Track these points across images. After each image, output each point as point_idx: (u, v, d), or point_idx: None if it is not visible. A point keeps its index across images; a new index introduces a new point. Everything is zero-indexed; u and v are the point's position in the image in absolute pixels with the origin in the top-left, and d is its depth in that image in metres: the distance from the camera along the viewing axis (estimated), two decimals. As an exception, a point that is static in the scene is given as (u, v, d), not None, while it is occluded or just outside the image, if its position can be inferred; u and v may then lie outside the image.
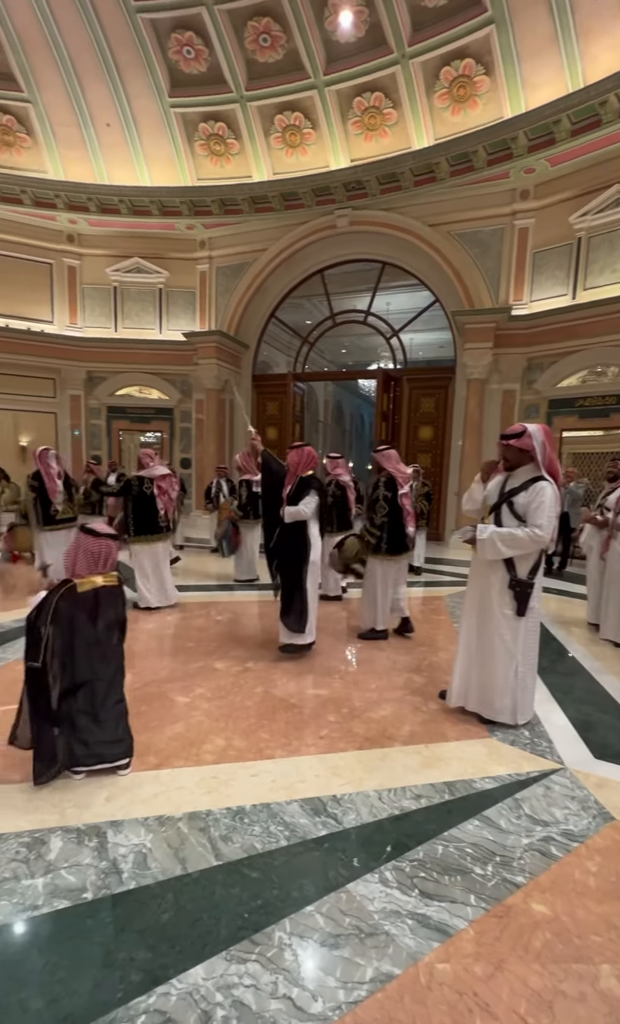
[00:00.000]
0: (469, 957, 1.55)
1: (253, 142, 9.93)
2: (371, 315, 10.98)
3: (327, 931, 1.61)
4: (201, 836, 1.99)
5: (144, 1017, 1.33)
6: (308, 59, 8.92)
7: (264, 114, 9.67)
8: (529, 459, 2.81)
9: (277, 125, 9.72)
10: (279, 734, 2.78)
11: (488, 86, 8.26)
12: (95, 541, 2.36)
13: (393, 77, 8.73)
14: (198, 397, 11.34)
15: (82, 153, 10.35)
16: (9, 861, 1.82)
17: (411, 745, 2.72)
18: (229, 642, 4.25)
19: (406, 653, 4.13)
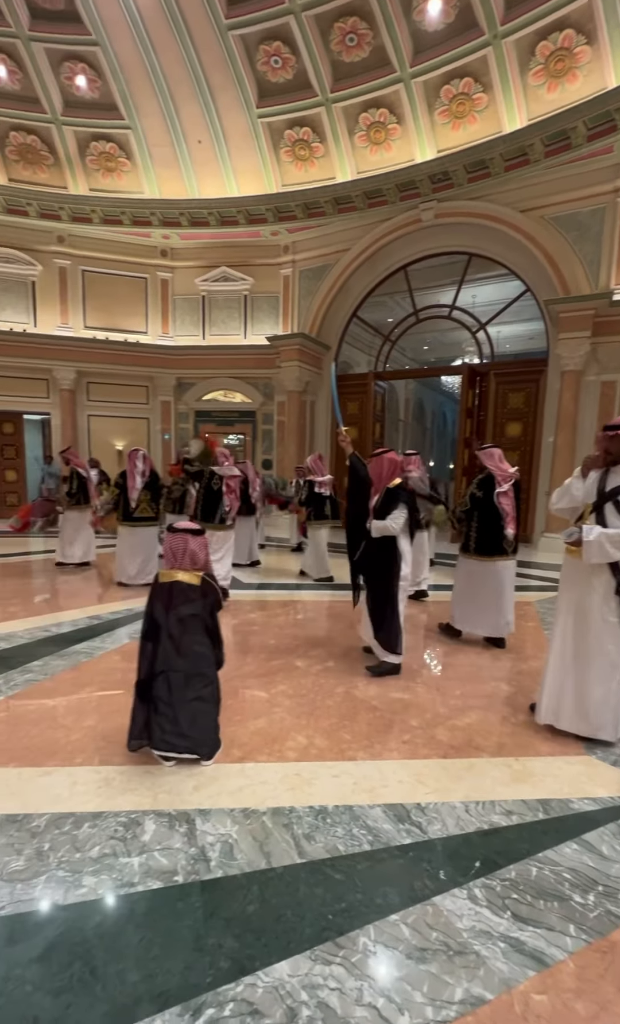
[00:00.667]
0: (570, 992, 1.43)
1: (337, 143, 9.96)
2: (456, 309, 10.64)
3: (413, 943, 1.56)
4: (284, 832, 2.01)
5: (232, 1005, 1.36)
6: (395, 53, 8.81)
7: (349, 114, 9.67)
8: (637, 453, 2.58)
9: (361, 123, 9.69)
10: (361, 736, 2.75)
11: (590, 56, 7.72)
12: (172, 537, 2.48)
13: (484, 60, 8.40)
14: (280, 399, 11.57)
15: (175, 171, 10.91)
16: (108, 839, 1.94)
17: (500, 757, 2.59)
18: (309, 641, 4.27)
19: (493, 660, 3.95)
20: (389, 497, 3.51)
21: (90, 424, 11.95)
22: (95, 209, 10.97)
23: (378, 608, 3.58)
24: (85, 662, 3.64)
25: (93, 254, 11.59)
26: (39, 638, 4.09)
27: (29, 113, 10.38)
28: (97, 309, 11.78)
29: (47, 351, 11.26)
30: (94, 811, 2.09)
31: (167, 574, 2.40)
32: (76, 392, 11.69)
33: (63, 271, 11.46)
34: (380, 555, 3.54)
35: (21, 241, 11.19)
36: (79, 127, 10.58)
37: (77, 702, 3.04)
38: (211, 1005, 1.36)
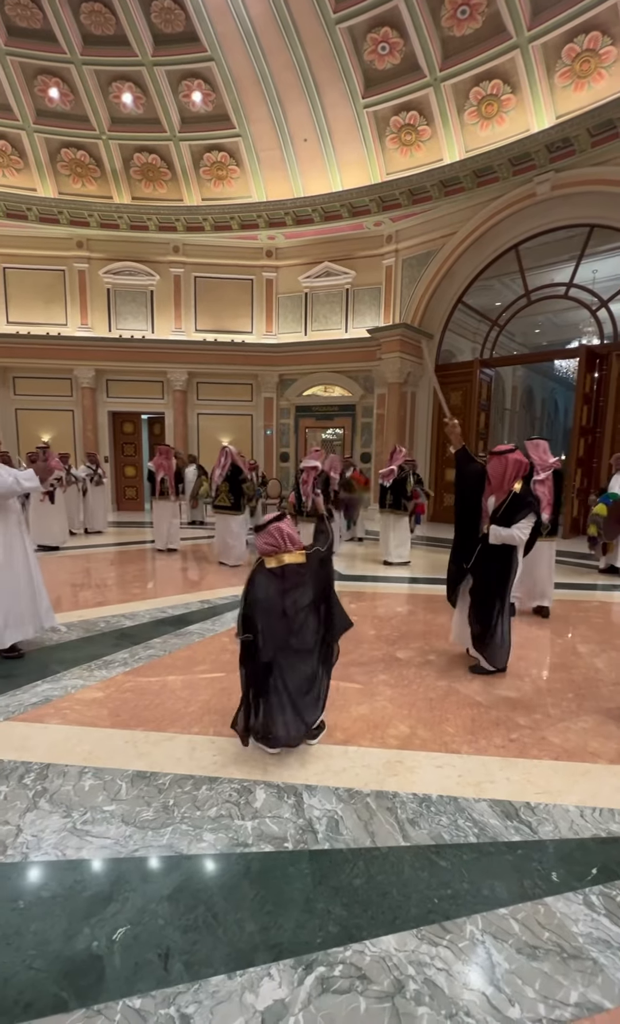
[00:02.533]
0: None
1: (446, 123, 9.63)
2: (574, 287, 9.86)
3: (524, 940, 1.53)
4: (388, 815, 2.04)
5: (341, 967, 1.43)
6: (511, 18, 8.31)
7: (458, 91, 9.30)
8: None
9: (472, 99, 9.28)
10: (464, 730, 2.70)
11: None
12: (262, 533, 2.50)
13: (614, 9, 7.65)
14: (380, 392, 11.48)
15: (282, 172, 11.18)
16: (224, 801, 2.10)
17: (618, 765, 2.42)
18: (409, 634, 4.25)
19: (611, 664, 3.67)
20: (516, 502, 3.25)
21: (199, 422, 12.69)
22: (207, 217, 11.57)
23: (482, 621, 3.35)
24: (198, 642, 3.92)
25: (204, 260, 12.24)
26: (157, 618, 4.47)
27: (150, 134, 11.16)
28: (206, 312, 12.44)
29: (162, 355, 12.11)
30: (211, 775, 2.26)
31: (275, 558, 2.46)
32: (187, 392, 12.46)
33: (177, 279, 12.23)
34: (495, 563, 3.30)
35: (142, 254, 12.11)
36: (194, 141, 11.19)
37: (192, 678, 3.29)
38: (321, 964, 1.44)
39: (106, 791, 2.15)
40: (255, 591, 2.39)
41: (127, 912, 1.59)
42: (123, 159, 11.42)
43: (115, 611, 4.63)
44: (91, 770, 2.30)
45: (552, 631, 4.44)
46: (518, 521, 3.21)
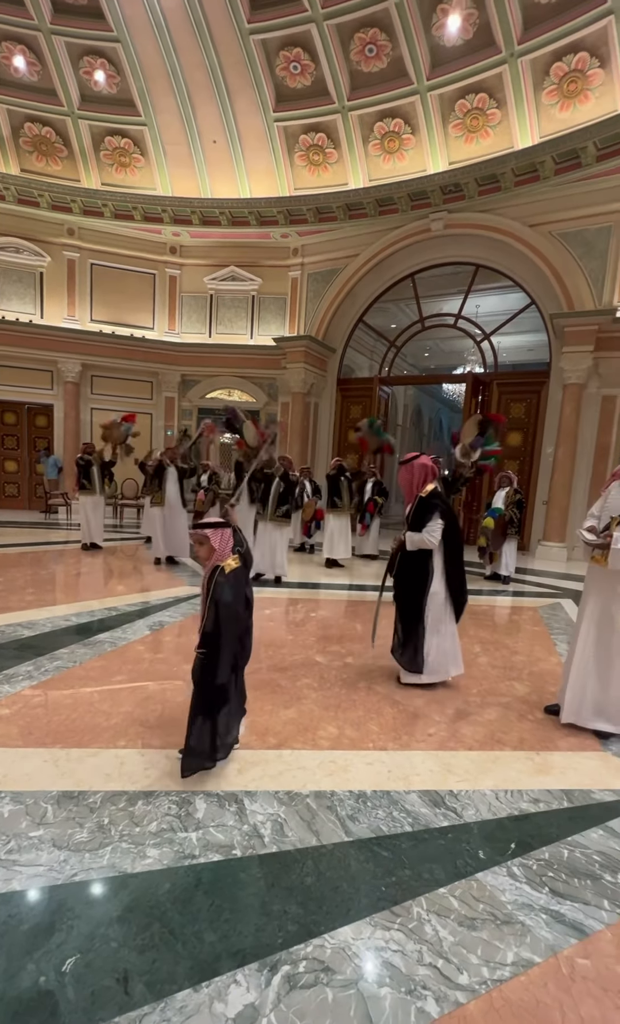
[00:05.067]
0: (610, 958, 1.56)
1: (351, 150, 10.12)
2: (462, 318, 10.84)
3: (463, 913, 1.68)
4: (329, 814, 2.12)
5: (304, 963, 1.47)
6: (412, 65, 8.99)
7: (364, 122, 9.83)
8: (659, 467, 2.73)
9: (376, 132, 9.85)
10: (388, 728, 2.87)
11: (602, 79, 7.96)
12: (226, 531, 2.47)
13: (499, 77, 8.61)
14: (284, 400, 11.67)
15: (189, 170, 10.98)
16: (164, 815, 2.03)
17: (521, 751, 2.72)
18: (326, 637, 4.39)
19: (504, 661, 4.09)
20: (421, 506, 3.29)
21: (93, 417, 11.94)
22: (107, 203, 11.00)
23: (404, 626, 3.42)
24: (110, 651, 3.71)
25: (102, 248, 11.61)
26: (60, 627, 4.15)
27: (45, 105, 10.39)
28: (104, 303, 11.80)
29: (53, 343, 11.24)
30: (145, 790, 2.18)
31: (226, 563, 2.39)
32: (80, 384, 11.68)
33: (72, 263, 11.46)
34: (411, 568, 3.34)
35: (31, 232, 11.17)
36: (95, 121, 10.61)
37: (111, 690, 3.11)
38: (286, 963, 1.47)
39: (29, 816, 1.98)
40: (224, 596, 2.32)
41: (74, 940, 1.49)
42: (12, 127, 10.50)
43: (11, 619, 4.22)
44: (7, 794, 2.10)
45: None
46: (427, 524, 3.26)
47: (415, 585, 3.36)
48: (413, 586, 3.37)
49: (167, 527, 7.09)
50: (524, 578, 7.43)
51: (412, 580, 3.38)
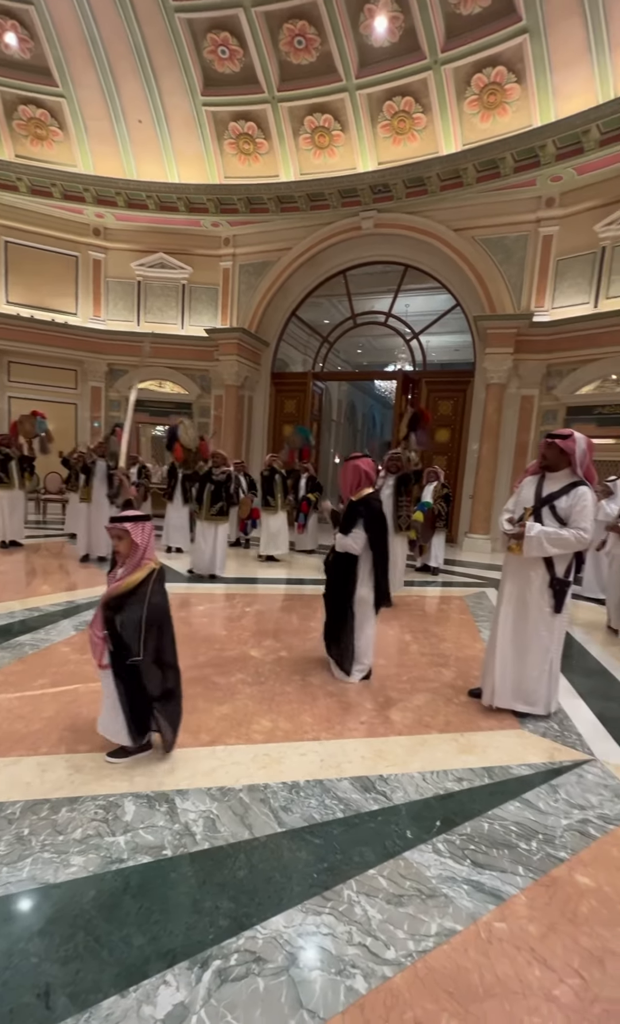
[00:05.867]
0: (523, 919, 1.68)
1: (282, 142, 10.04)
2: (392, 316, 11.10)
3: (391, 891, 1.74)
4: (262, 806, 2.12)
5: (236, 956, 1.47)
6: (341, 62, 9.03)
7: (294, 115, 9.78)
8: (567, 463, 2.94)
9: (306, 126, 9.83)
10: (321, 718, 2.91)
11: (519, 94, 8.36)
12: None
13: (424, 82, 8.83)
14: (217, 393, 11.47)
15: (112, 148, 10.48)
16: (90, 821, 1.96)
17: (447, 733, 2.86)
18: (260, 632, 4.38)
19: (432, 649, 4.27)
20: (350, 511, 3.31)
21: (11, 406, 11.19)
22: (21, 177, 10.29)
23: (331, 626, 3.47)
24: (31, 654, 3.52)
25: (18, 225, 10.87)
26: (-26, 632, 3.88)
27: (-54, 65, 9.55)
28: (21, 285, 11.06)
29: (-38, 326, 10.43)
30: (69, 796, 2.09)
31: (154, 561, 2.36)
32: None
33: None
34: (340, 570, 3.39)
35: None
36: (5, 87, 9.88)
37: (32, 695, 2.95)
38: (217, 957, 1.46)
39: (-61, 836, 1.85)
40: (161, 600, 2.26)
41: (-10, 962, 1.41)
42: None
43: None
44: None
45: (383, 623, 4.96)
46: (352, 531, 3.27)
47: (343, 587, 3.42)
48: (341, 588, 3.43)
49: (94, 524, 6.80)
50: (452, 569, 7.76)
51: (340, 582, 3.44)
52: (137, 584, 2.23)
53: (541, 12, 7.54)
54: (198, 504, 6.35)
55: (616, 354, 8.44)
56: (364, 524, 3.27)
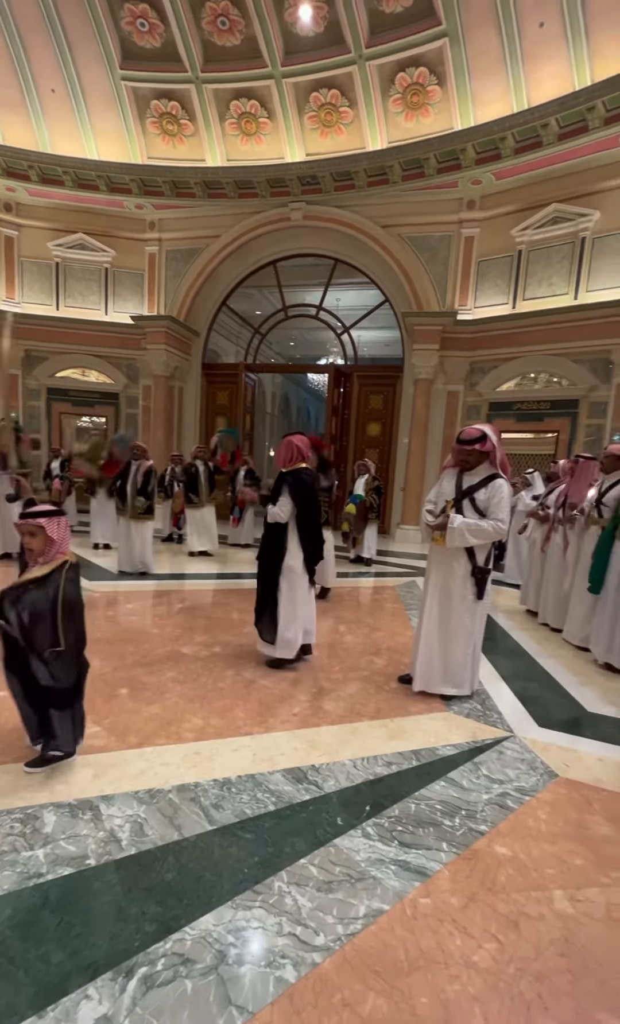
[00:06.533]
0: (446, 892, 1.76)
1: (207, 126, 9.78)
2: (323, 310, 11.15)
3: (321, 879, 1.77)
4: (193, 805, 2.09)
5: (163, 960, 1.44)
6: (266, 48, 8.89)
7: (220, 98, 9.54)
8: (487, 458, 3.08)
9: (233, 111, 9.62)
10: (254, 713, 2.90)
11: (440, 96, 8.59)
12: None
13: (350, 76, 8.87)
14: (145, 383, 11.09)
15: (22, 117, 9.80)
16: (5, 836, 1.85)
17: (378, 720, 2.93)
18: (192, 628, 4.30)
19: (365, 638, 4.36)
20: (278, 482, 3.44)
21: None
22: None
23: (260, 596, 3.50)
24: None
25: None
26: None
27: None
28: None
29: None
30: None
31: (72, 557, 2.27)
32: None
33: None
34: (269, 541, 3.46)
35: None
36: None
37: None
38: (142, 964, 1.42)
39: None
40: (77, 595, 2.15)
41: None
42: None
43: None
44: None
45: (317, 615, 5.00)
46: (279, 499, 3.38)
47: (271, 555, 3.46)
48: (269, 556, 3.47)
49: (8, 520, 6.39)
50: (385, 559, 7.96)
51: (268, 551, 3.48)
52: (47, 574, 2.12)
53: (459, 19, 7.77)
54: (122, 500, 6.12)
55: (532, 353, 8.93)
56: (289, 492, 3.35)
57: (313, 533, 3.46)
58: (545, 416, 9.00)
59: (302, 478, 3.42)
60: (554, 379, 8.85)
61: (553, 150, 7.97)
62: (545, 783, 2.41)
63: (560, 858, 1.95)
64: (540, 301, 8.80)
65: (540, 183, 8.61)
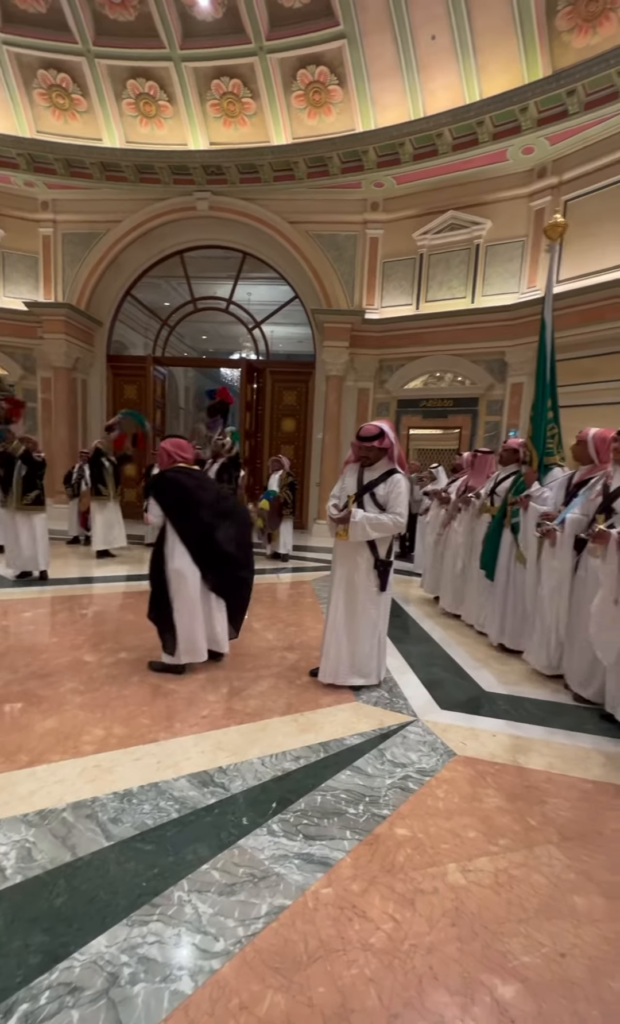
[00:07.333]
0: (347, 879, 1.80)
1: (103, 103, 9.27)
2: (233, 304, 10.99)
3: (223, 883, 1.74)
4: (89, 822, 1.98)
5: (48, 992, 1.35)
6: (163, 28, 8.56)
7: (115, 75, 9.07)
8: (386, 454, 3.17)
9: (130, 90, 9.19)
10: (160, 718, 2.81)
11: (341, 97, 8.71)
12: None
13: (251, 67, 8.77)
14: (44, 375, 10.38)
15: None
16: None
17: (288, 715, 2.94)
18: (97, 635, 4.10)
19: (279, 634, 4.37)
20: (145, 488, 3.45)
21: None
22: None
23: (151, 602, 3.40)
24: None
25: None
26: None
27: None
28: None
29: None
30: None
31: None
32: None
33: None
34: (156, 544, 3.39)
35: None
36: None
37: None
38: (24, 1001, 1.33)
39: None
40: None
41: None
42: None
43: None
44: None
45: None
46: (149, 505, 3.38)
47: (155, 561, 3.37)
48: (154, 559, 3.38)
49: None
50: (302, 555, 8.03)
51: (154, 554, 3.39)
52: None
53: (357, 22, 7.91)
54: (5, 492, 5.68)
55: (436, 353, 9.36)
56: (154, 495, 3.31)
57: (200, 536, 3.32)
58: (449, 413, 9.47)
59: (167, 477, 3.33)
60: (458, 378, 9.33)
61: (448, 159, 8.36)
62: (444, 762, 2.54)
63: (455, 833, 2.06)
64: (441, 303, 9.23)
65: (437, 190, 9.01)
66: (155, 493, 3.30)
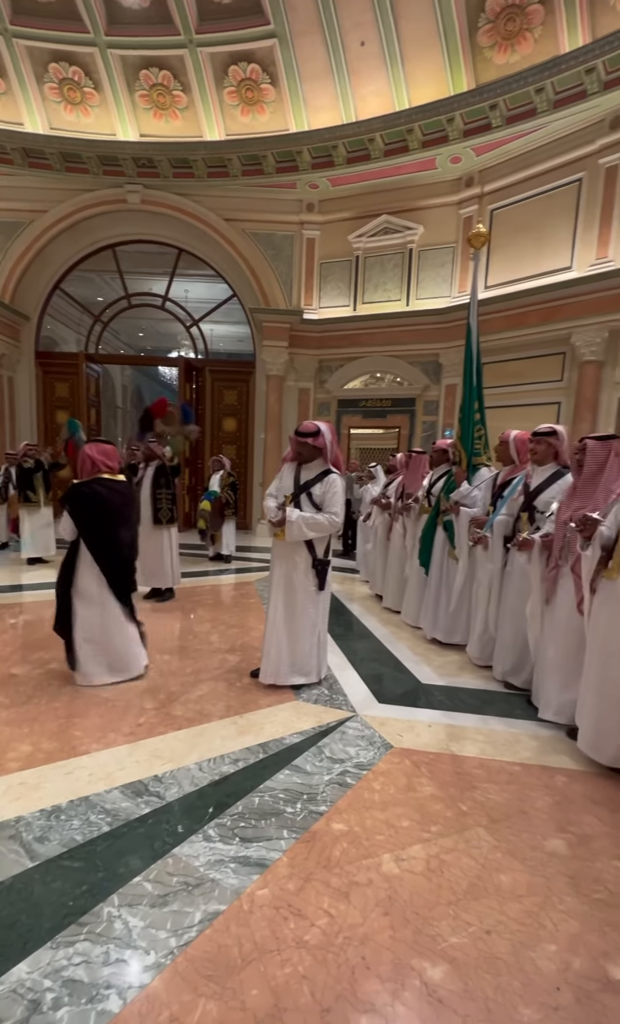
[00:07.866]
0: (283, 879, 1.80)
1: (22, 86, 8.81)
2: (169, 300, 10.74)
3: (155, 894, 1.71)
4: (11, 843, 1.89)
5: (-37, 1030, 1.28)
6: (86, 11, 8.22)
7: (36, 58, 8.64)
8: (321, 454, 3.20)
9: (52, 74, 8.78)
10: (93, 729, 2.72)
11: (274, 96, 8.69)
12: None
13: (181, 59, 8.59)
14: (-34, 374, 9.76)
15: None
16: None
17: (228, 718, 2.92)
18: (26, 646, 3.90)
19: (220, 636, 4.32)
20: (62, 499, 3.28)
21: None
22: None
23: (57, 616, 3.28)
24: None
25: None
26: None
27: None
28: None
29: None
30: None
31: None
32: None
33: None
34: (65, 560, 3.27)
35: None
36: None
37: None
38: None
39: None
40: None
41: None
42: None
43: None
44: None
45: (172, 615, 4.85)
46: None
47: (63, 575, 3.23)
48: (62, 576, 3.24)
49: None
50: (246, 555, 7.96)
51: (62, 569, 3.25)
52: None
53: (287, 22, 7.91)
54: None
55: (373, 353, 9.52)
56: (69, 510, 3.17)
57: (110, 553, 3.20)
58: (388, 413, 9.67)
59: (80, 490, 3.15)
60: (396, 379, 9.54)
61: (380, 164, 8.51)
62: (381, 755, 2.59)
63: (390, 823, 2.10)
64: (378, 305, 9.40)
65: (371, 194, 9.16)
66: (70, 507, 3.12)
